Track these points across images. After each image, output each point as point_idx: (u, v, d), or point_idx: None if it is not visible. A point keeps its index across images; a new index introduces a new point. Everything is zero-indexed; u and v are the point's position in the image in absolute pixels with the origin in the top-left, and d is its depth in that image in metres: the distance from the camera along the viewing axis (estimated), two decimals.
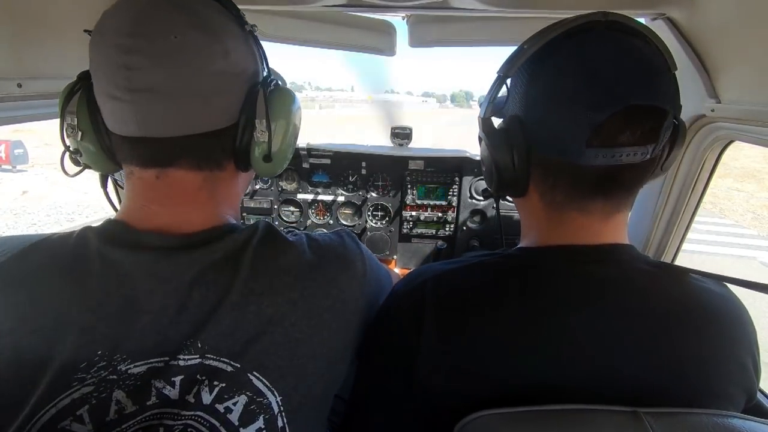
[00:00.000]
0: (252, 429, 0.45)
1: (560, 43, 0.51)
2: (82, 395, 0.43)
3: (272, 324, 0.48)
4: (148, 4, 0.47)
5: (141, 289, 0.46)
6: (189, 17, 0.47)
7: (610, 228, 0.54)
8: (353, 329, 0.57)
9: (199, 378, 0.45)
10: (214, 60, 0.48)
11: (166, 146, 0.49)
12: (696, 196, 0.98)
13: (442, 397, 0.51)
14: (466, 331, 0.51)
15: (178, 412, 0.43)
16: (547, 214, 0.56)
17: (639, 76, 0.48)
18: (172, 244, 0.49)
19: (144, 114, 0.47)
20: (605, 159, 0.48)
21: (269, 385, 0.47)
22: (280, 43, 1.25)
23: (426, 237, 1.75)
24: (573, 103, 0.48)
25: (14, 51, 0.70)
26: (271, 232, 0.55)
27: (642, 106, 0.47)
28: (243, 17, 0.54)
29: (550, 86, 0.51)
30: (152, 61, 0.45)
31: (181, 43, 0.46)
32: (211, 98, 0.49)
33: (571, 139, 0.49)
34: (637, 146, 0.48)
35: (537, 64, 0.53)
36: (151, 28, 0.45)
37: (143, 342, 0.45)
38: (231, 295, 0.48)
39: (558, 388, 0.48)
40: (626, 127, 0.48)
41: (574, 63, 0.50)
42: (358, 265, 0.58)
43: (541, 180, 0.55)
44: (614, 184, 0.52)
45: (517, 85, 0.56)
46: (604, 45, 0.50)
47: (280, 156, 0.56)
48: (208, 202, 0.53)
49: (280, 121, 0.54)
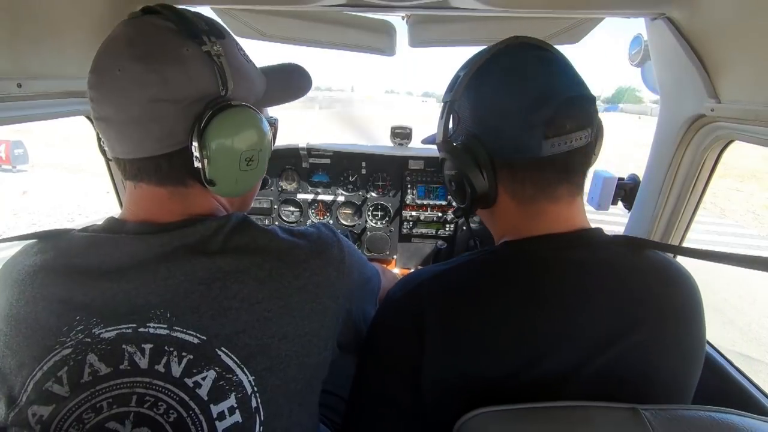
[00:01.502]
0: (223, 406, 0.47)
1: (489, 65, 0.60)
2: (63, 357, 0.48)
3: (238, 300, 0.50)
4: (110, 40, 0.53)
5: (114, 263, 0.51)
6: (132, 49, 0.51)
7: (574, 213, 0.61)
8: (331, 316, 0.57)
9: (167, 349, 0.48)
10: (150, 89, 0.50)
11: (130, 165, 0.55)
12: (696, 196, 0.98)
13: (446, 397, 0.51)
14: (469, 328, 0.52)
15: (150, 382, 0.47)
16: (520, 210, 0.61)
17: (564, 73, 0.58)
18: (148, 230, 0.54)
19: (108, 139, 0.55)
20: (561, 146, 0.56)
21: (239, 362, 0.49)
22: (280, 43, 1.25)
23: (426, 237, 1.75)
24: (522, 108, 0.55)
25: (14, 51, 0.69)
26: (245, 220, 0.57)
27: (575, 97, 0.56)
28: (206, 38, 0.53)
29: (495, 101, 0.58)
30: (102, 94, 0.52)
31: (122, 76, 0.50)
32: (149, 125, 0.52)
33: (529, 137, 0.56)
34: (580, 131, 0.56)
35: (477, 86, 0.60)
36: (104, 63, 0.52)
37: (115, 309, 0.49)
38: (198, 272, 0.51)
39: (551, 376, 0.49)
40: (569, 116, 0.56)
41: (509, 75, 0.58)
42: (334, 251, 0.59)
43: (509, 180, 0.60)
44: (572, 168, 0.59)
45: (464, 106, 0.62)
46: (523, 56, 0.59)
47: (222, 180, 0.55)
48: (180, 207, 0.57)
49: (213, 145, 0.53)
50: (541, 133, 0.55)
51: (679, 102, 0.89)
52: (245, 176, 0.58)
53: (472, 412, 0.46)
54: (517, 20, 1.13)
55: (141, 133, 0.52)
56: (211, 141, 0.53)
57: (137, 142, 0.53)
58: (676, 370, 0.55)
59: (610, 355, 0.50)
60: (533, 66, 0.58)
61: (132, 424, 0.46)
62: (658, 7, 0.84)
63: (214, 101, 0.54)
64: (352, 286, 0.61)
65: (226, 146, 0.54)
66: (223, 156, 0.54)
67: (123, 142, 0.53)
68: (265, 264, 0.53)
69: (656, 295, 0.55)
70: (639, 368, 0.52)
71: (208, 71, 0.53)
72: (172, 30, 0.53)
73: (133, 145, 0.53)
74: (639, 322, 0.52)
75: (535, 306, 0.52)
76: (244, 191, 0.60)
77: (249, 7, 1.07)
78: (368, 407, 0.59)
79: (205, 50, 0.53)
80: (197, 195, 0.58)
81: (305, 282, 0.54)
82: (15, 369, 0.49)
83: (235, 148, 0.55)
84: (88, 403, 0.46)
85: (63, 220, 6.85)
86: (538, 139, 0.55)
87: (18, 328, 0.50)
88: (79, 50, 0.81)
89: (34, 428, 0.46)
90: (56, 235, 0.56)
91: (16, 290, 0.52)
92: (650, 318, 0.53)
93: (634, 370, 0.51)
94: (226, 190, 0.57)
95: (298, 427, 0.54)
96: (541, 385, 0.49)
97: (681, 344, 0.55)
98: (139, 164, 0.54)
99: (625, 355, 0.51)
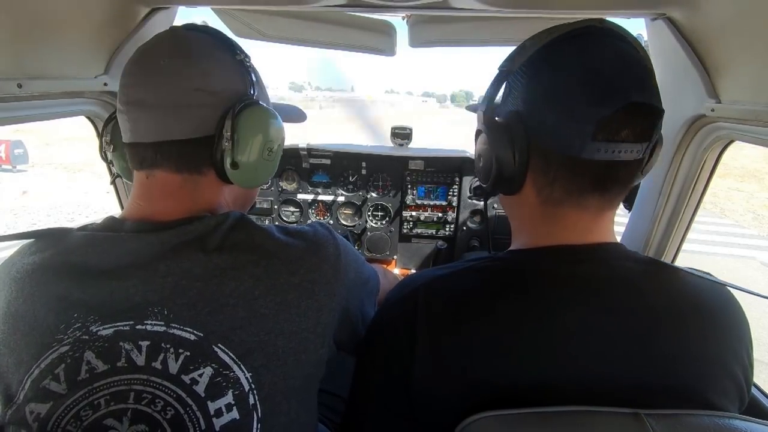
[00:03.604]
0: (221, 403, 0.48)
1: (561, 43, 0.53)
2: (60, 354, 0.48)
3: (234, 297, 0.51)
4: (153, 44, 0.59)
5: (113, 261, 0.52)
6: (177, 48, 0.58)
7: (600, 225, 0.56)
8: (327, 313, 0.57)
9: (164, 346, 0.48)
10: (192, 79, 0.56)
11: (151, 150, 0.57)
12: (696, 196, 0.98)
13: (441, 402, 0.51)
14: (460, 337, 0.51)
15: (148, 378, 0.47)
16: (542, 210, 0.57)
17: (637, 75, 0.51)
18: (146, 228, 0.55)
19: (134, 122, 0.57)
20: (606, 154, 0.50)
21: (236, 359, 0.49)
22: (280, 43, 1.25)
23: (426, 237, 1.75)
24: (578, 98, 0.50)
25: (14, 51, 0.69)
26: (242, 218, 0.58)
27: (642, 104, 0.49)
28: (236, 49, 0.63)
29: (553, 83, 0.52)
30: (141, 80, 0.56)
31: (166, 66, 0.56)
32: (186, 110, 0.56)
33: (575, 133, 0.50)
34: (634, 143, 0.50)
35: (539, 61, 0.54)
36: (147, 58, 0.57)
37: (113, 306, 0.50)
38: (195, 269, 0.51)
39: (554, 388, 0.48)
40: (627, 123, 0.49)
41: (576, 61, 0.51)
42: (329, 249, 0.60)
43: (540, 174, 0.55)
44: (611, 180, 0.53)
45: (518, 81, 0.56)
46: (602, 47, 0.52)
47: (245, 165, 0.60)
48: (187, 200, 0.59)
49: (244, 134, 0.59)
50: (590, 132, 0.49)
51: (680, 102, 0.89)
52: (264, 166, 0.63)
53: (474, 416, 0.46)
54: (517, 20, 1.13)
55: (175, 117, 0.56)
56: (243, 126, 0.58)
57: (169, 125, 0.56)
58: (687, 381, 0.50)
59: (612, 373, 0.49)
60: (609, 56, 0.51)
61: (129, 421, 0.46)
62: (659, 8, 0.84)
63: (246, 97, 0.61)
64: (348, 283, 0.61)
65: (255, 132, 0.60)
66: (252, 140, 0.60)
67: (153, 125, 0.56)
68: (262, 261, 0.54)
69: (665, 309, 0.52)
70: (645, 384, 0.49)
71: (239, 75, 0.61)
72: (209, 39, 0.61)
73: (164, 128, 0.56)
74: (647, 340, 0.49)
75: (536, 319, 0.50)
76: (256, 183, 0.64)
77: (249, 7, 1.07)
78: (366, 409, 0.59)
79: (239, 59, 0.62)
80: (208, 186, 0.60)
81: (301, 279, 0.55)
82: (12, 367, 0.50)
83: (261, 136, 0.61)
84: (85, 401, 0.46)
85: (63, 220, 6.85)
86: (584, 138, 0.49)
87: (15, 326, 0.50)
88: (80, 51, 0.81)
89: (31, 426, 0.46)
90: (54, 233, 0.56)
91: (14, 288, 0.52)
92: (661, 336, 0.50)
93: (641, 387, 0.49)
94: (245, 177, 0.61)
95: (296, 424, 0.54)
96: (538, 397, 0.47)
97: (698, 360, 0.51)
98: (164, 148, 0.57)
99: (630, 376, 0.49)
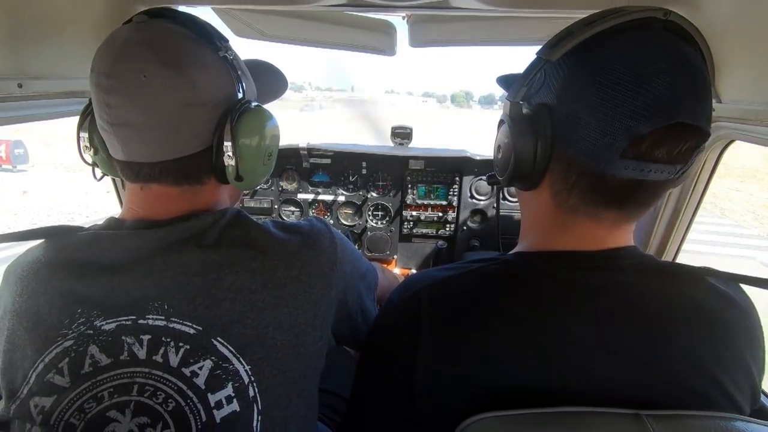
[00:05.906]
0: (221, 395, 0.49)
1: (612, 36, 0.47)
2: (64, 348, 0.49)
3: (232, 291, 0.51)
4: (124, 44, 0.51)
5: (114, 258, 0.53)
6: (157, 54, 0.51)
7: (615, 235, 0.53)
8: (324, 306, 0.58)
9: (165, 340, 0.49)
10: (180, 93, 0.52)
11: (147, 169, 0.55)
12: (696, 196, 0.97)
13: (442, 405, 0.51)
14: (464, 341, 0.51)
15: (149, 372, 0.48)
16: (556, 215, 0.54)
17: (691, 93, 0.44)
18: (145, 225, 0.55)
19: (125, 144, 0.53)
20: (633, 172, 0.45)
21: (234, 352, 0.50)
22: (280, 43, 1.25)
23: (426, 237, 1.75)
24: (617, 107, 0.44)
25: (14, 51, 0.69)
26: (239, 215, 0.59)
27: (687, 125, 0.44)
28: (216, 41, 0.56)
29: (593, 84, 0.46)
30: (125, 100, 0.51)
31: (148, 81, 0.50)
32: (180, 127, 0.53)
33: (604, 146, 0.45)
34: (668, 164, 0.45)
35: (583, 55, 0.48)
36: (124, 67, 0.50)
37: (115, 301, 0.51)
38: (192, 264, 0.52)
39: (558, 393, 0.48)
40: (665, 143, 0.45)
41: (625, 64, 0.44)
42: (326, 243, 0.60)
43: (560, 178, 0.51)
44: (631, 199, 0.49)
45: (556, 72, 0.50)
46: (659, 50, 0.45)
47: (249, 174, 0.59)
48: (186, 204, 0.58)
49: (245, 143, 0.57)
50: (620, 147, 0.44)
51: None
52: (265, 170, 0.63)
53: (474, 416, 0.46)
54: (518, 20, 1.13)
55: (168, 136, 0.53)
56: (243, 138, 0.56)
57: (163, 145, 0.53)
58: (688, 382, 0.49)
59: (616, 378, 0.48)
60: (663, 65, 0.44)
61: (132, 413, 0.47)
62: None
63: (237, 102, 0.58)
64: (345, 276, 0.62)
65: (255, 143, 0.58)
66: (254, 152, 0.58)
67: (146, 146, 0.53)
68: (258, 256, 0.54)
69: (685, 333, 0.50)
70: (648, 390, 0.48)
71: (226, 75, 0.57)
72: (188, 36, 0.54)
73: (158, 148, 0.53)
74: (652, 347, 0.48)
75: (541, 325, 0.49)
76: (257, 185, 0.65)
77: (249, 7, 1.07)
78: (366, 409, 0.59)
79: (222, 55, 0.57)
80: (208, 191, 0.60)
81: (298, 272, 0.55)
82: (17, 362, 0.51)
83: (261, 144, 0.59)
84: (89, 393, 0.47)
85: (63, 220, 6.85)
86: (613, 153, 0.45)
87: (20, 322, 0.51)
88: (80, 50, 0.81)
89: (35, 419, 0.47)
90: (62, 232, 0.57)
91: (19, 286, 0.53)
92: (666, 341, 0.49)
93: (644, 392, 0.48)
94: (248, 184, 0.60)
95: (296, 417, 0.55)
96: (542, 401, 0.47)
97: (703, 363, 0.49)
98: (161, 167, 0.54)
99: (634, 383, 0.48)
